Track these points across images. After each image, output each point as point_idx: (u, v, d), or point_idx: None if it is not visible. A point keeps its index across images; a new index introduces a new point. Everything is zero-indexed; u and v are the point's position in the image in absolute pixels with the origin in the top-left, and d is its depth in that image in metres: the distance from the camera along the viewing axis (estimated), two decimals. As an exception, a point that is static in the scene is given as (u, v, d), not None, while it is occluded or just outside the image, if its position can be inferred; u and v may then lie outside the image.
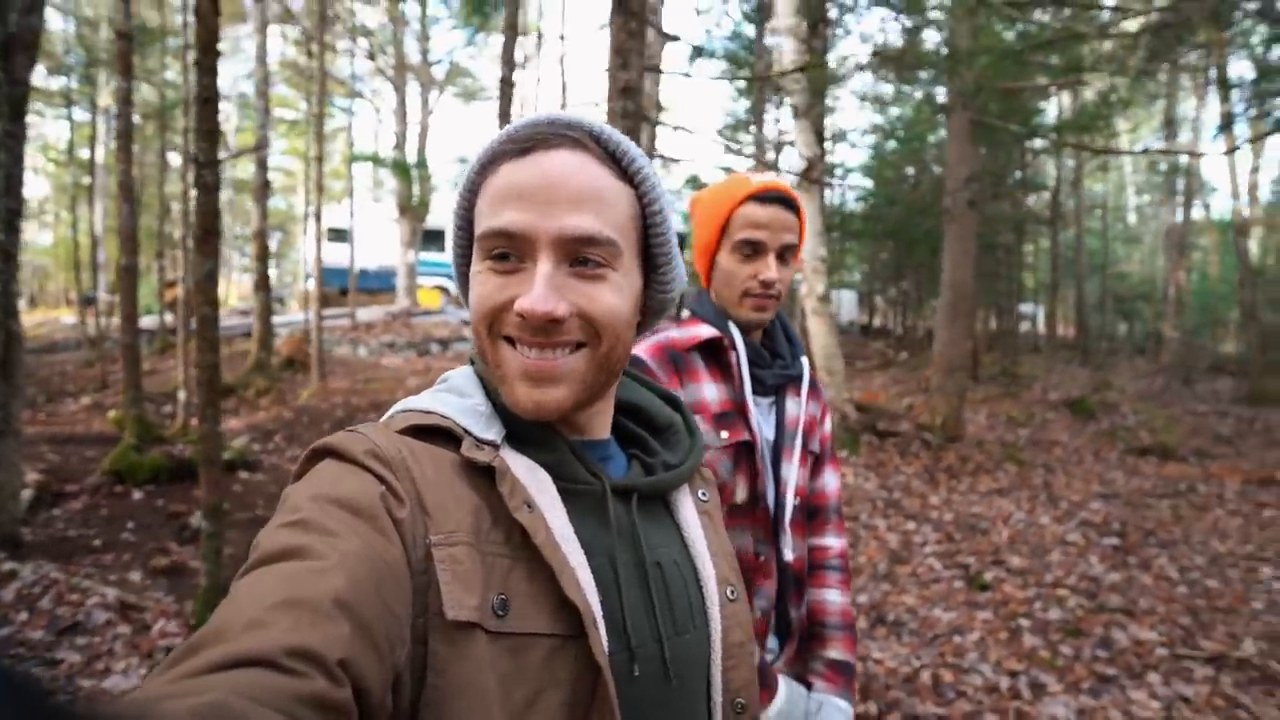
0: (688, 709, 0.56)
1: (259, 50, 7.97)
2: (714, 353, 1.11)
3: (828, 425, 1.24)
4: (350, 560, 0.41)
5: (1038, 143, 12.83)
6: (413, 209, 16.67)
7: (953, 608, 3.65)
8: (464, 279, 0.60)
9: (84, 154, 16.21)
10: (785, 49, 6.35)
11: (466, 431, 0.54)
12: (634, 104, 2.18)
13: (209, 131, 2.70)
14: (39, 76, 15.80)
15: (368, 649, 0.39)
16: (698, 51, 12.57)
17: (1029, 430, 8.53)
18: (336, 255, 17.53)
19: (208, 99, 2.70)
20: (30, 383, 8.27)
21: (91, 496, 4.24)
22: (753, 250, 1.08)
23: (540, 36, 15.73)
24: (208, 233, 2.74)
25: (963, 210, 6.99)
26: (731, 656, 0.58)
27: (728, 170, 13.94)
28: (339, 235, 17.94)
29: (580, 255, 0.53)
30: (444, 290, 18.60)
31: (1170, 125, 15.83)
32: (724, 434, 1.05)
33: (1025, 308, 23.98)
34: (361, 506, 0.45)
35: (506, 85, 3.31)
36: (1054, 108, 15.08)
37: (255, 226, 8.11)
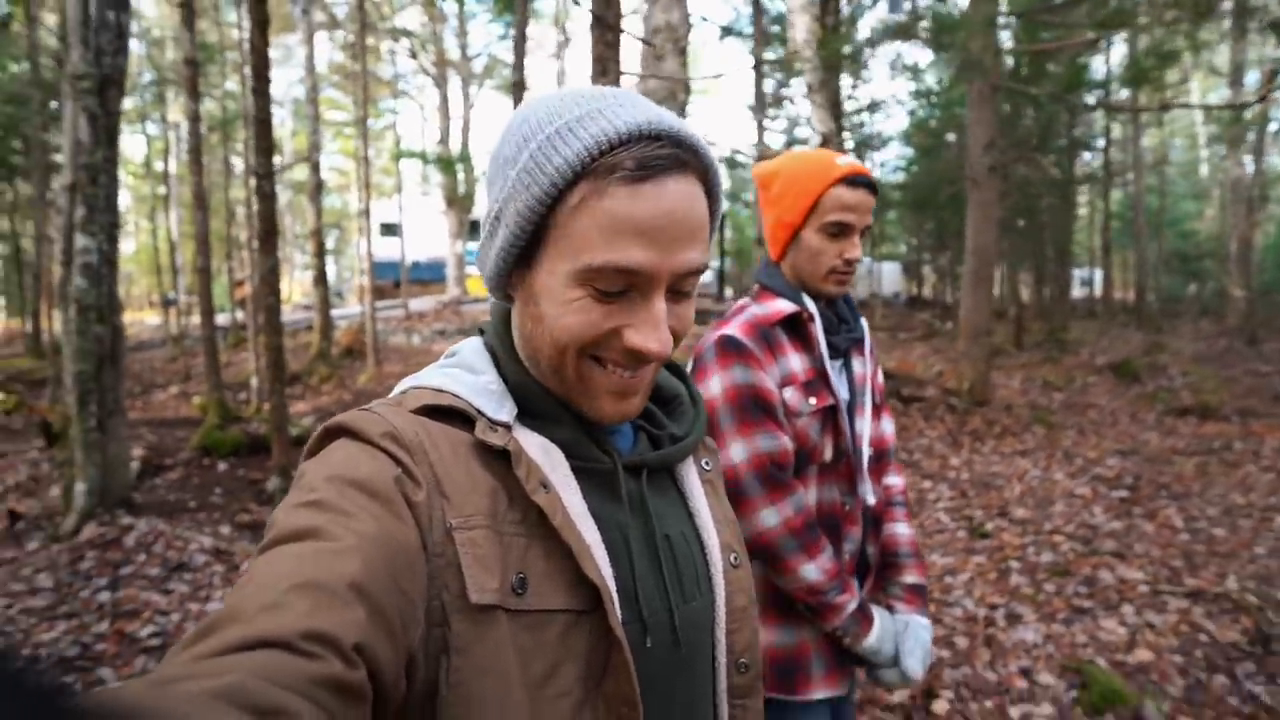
0: (695, 672, 0.58)
1: (307, 60, 8.59)
2: (794, 325, 1.19)
3: (880, 376, 1.33)
4: (366, 543, 0.42)
5: (1088, 100, 12.42)
6: (459, 201, 17.35)
7: (951, 553, 3.91)
8: (504, 269, 0.56)
9: (158, 166, 17.51)
10: (798, 25, 6.49)
11: (480, 413, 0.54)
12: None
13: (265, 148, 3.17)
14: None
15: (382, 632, 0.40)
16: (726, 31, 12.64)
17: (1065, 394, 8.48)
18: (388, 249, 18.44)
19: (263, 119, 3.17)
20: (126, 376, 9.22)
21: (185, 468, 4.90)
22: (840, 230, 1.14)
23: (564, 32, 16.02)
24: (268, 234, 3.23)
25: (984, 177, 7.02)
26: (735, 620, 0.61)
27: (763, 149, 13.95)
28: (390, 230, 18.83)
29: (681, 284, 0.53)
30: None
31: (1238, 71, 14.95)
32: (812, 400, 1.14)
33: (1081, 272, 23.09)
34: (377, 489, 0.46)
35: (519, 89, 3.66)
36: (1105, 63, 14.47)
37: (312, 225, 8.80)
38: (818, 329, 1.17)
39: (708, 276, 20.87)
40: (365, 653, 0.38)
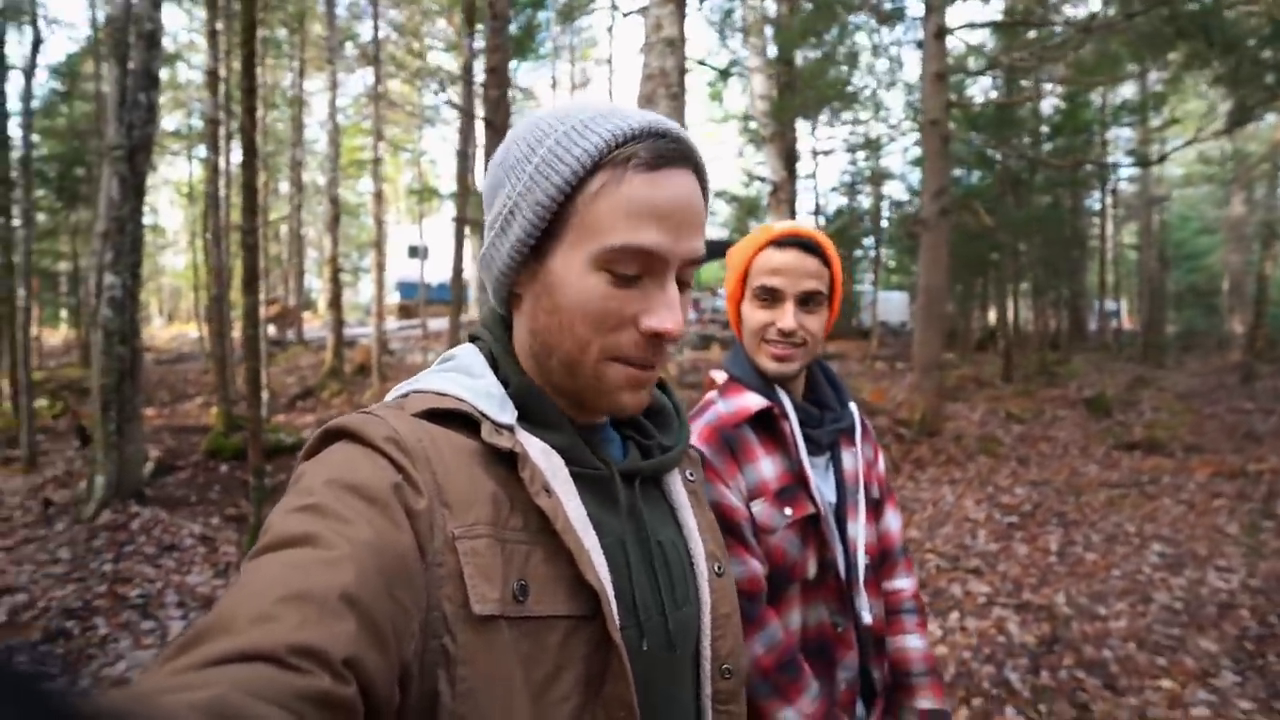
0: (684, 676, 0.60)
1: (330, 106, 9.57)
2: (765, 423, 1.07)
3: (881, 464, 1.20)
4: (361, 551, 0.42)
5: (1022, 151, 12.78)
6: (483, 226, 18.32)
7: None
8: (517, 263, 0.57)
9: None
10: (755, 82, 7.16)
11: (484, 415, 0.55)
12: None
13: (250, 209, 3.93)
14: (174, 122, 18.42)
15: (374, 645, 0.39)
16: (724, 75, 13.38)
17: (1026, 427, 8.81)
18: (414, 271, 19.51)
19: (249, 186, 3.94)
20: (160, 387, 10.21)
21: (194, 469, 5.70)
22: (769, 297, 1.05)
23: (557, 76, 16.93)
24: (251, 279, 3.98)
25: (934, 221, 7.52)
26: (719, 627, 0.62)
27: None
28: (415, 253, 19.94)
29: (685, 273, 0.57)
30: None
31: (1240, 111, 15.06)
32: (788, 511, 1.01)
33: (1110, 304, 23.09)
34: (376, 494, 0.45)
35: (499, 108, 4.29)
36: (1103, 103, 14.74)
37: (329, 254, 9.71)
38: (792, 426, 1.05)
39: (719, 303, 21.46)
40: (356, 666, 0.38)
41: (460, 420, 0.54)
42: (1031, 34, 8.20)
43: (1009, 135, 9.90)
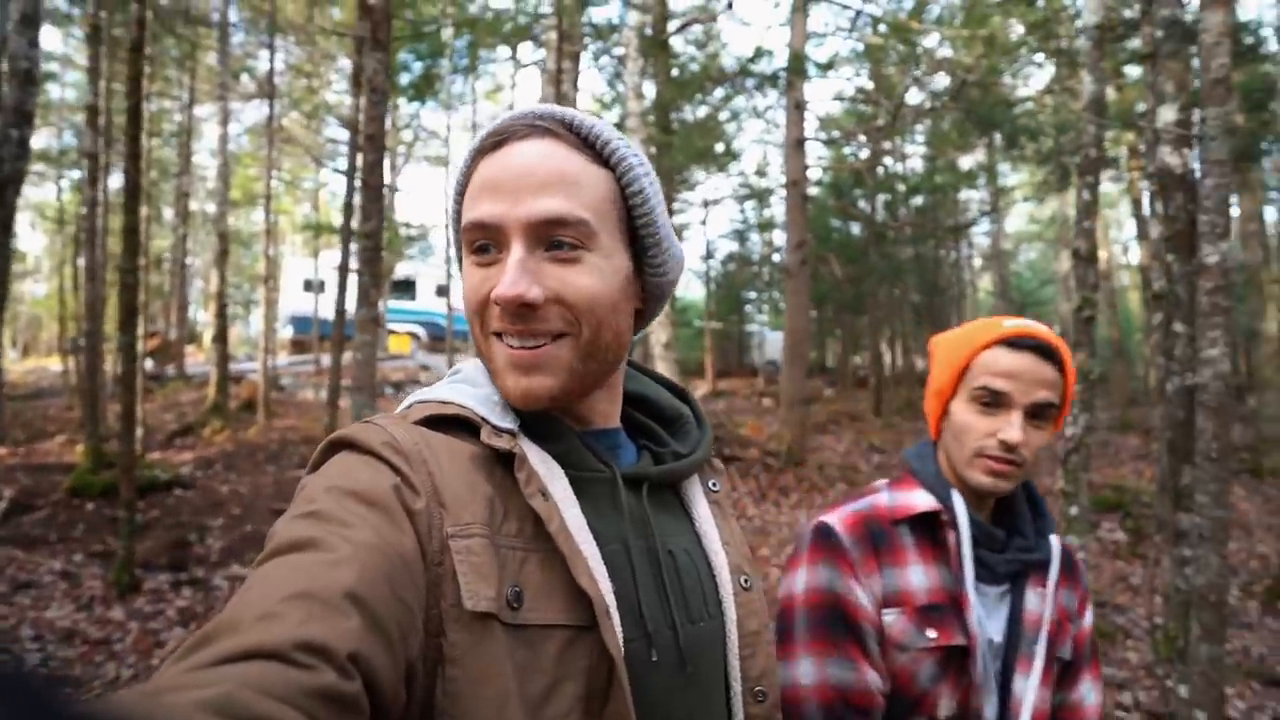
0: (705, 698, 0.57)
1: (220, 142, 9.52)
2: (930, 528, 0.96)
3: (1088, 619, 1.03)
4: (363, 552, 0.42)
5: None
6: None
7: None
8: (461, 273, 0.62)
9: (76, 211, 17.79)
10: (634, 142, 7.88)
11: (484, 420, 0.55)
12: (373, 243, 3.56)
13: (132, 249, 4.08)
14: (42, 140, 17.31)
15: (379, 642, 0.40)
16: (620, 128, 14.26)
17: (885, 456, 9.81)
18: (308, 305, 18.99)
19: (131, 228, 4.09)
20: (15, 425, 9.55)
21: (54, 507, 5.51)
22: (994, 401, 0.92)
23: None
24: (130, 314, 4.11)
25: (796, 269, 8.43)
26: (748, 645, 0.59)
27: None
28: (311, 286, 19.46)
29: (552, 238, 0.54)
30: (415, 336, 20.05)
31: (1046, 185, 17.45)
32: (930, 633, 0.90)
33: None
34: (375, 498, 0.46)
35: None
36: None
37: (215, 288, 9.52)
38: (961, 538, 0.94)
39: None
40: (361, 663, 0.38)
41: (462, 426, 0.56)
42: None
43: (870, 195, 11.18)
